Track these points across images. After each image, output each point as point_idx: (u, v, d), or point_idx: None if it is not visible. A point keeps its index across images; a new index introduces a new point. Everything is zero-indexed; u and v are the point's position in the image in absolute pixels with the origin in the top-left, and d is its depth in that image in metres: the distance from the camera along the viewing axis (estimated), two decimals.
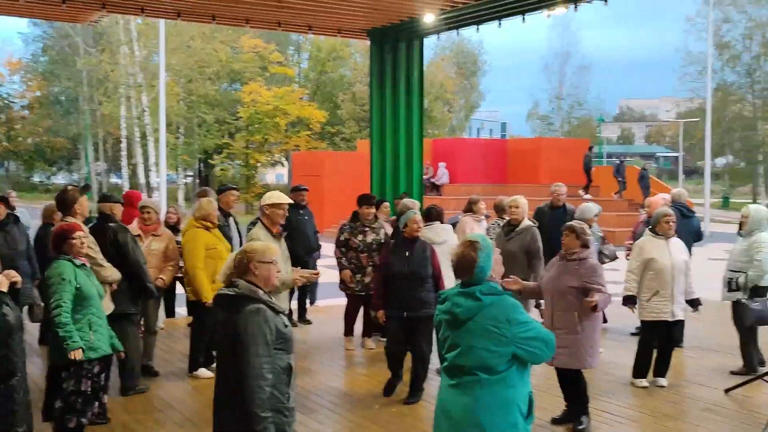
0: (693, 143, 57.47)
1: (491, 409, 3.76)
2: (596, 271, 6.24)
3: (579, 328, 6.14)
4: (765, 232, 7.96)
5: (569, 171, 28.41)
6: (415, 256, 7.17)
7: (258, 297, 3.92)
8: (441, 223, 8.41)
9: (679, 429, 6.49)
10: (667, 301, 7.40)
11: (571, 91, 64.68)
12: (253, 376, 3.78)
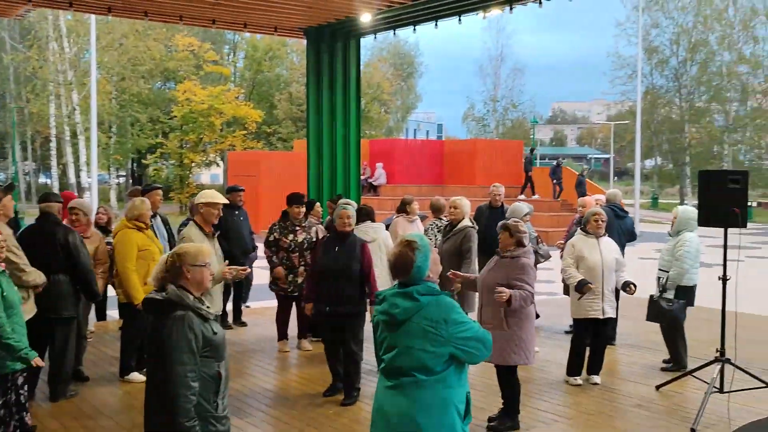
0: (623, 145, 58.88)
1: (429, 410, 3.74)
2: (524, 269, 6.26)
3: (504, 324, 6.19)
4: (690, 232, 8.19)
5: (504, 172, 28.77)
6: (344, 251, 7.15)
7: (185, 303, 3.81)
8: (372, 222, 8.40)
9: (613, 426, 6.58)
10: (598, 299, 7.54)
11: (505, 93, 65.55)
12: (177, 385, 3.69)
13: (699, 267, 8.33)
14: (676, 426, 6.52)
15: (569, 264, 7.71)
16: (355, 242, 7.26)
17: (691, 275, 8.18)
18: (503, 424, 6.41)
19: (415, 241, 3.89)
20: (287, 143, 46.61)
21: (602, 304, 7.56)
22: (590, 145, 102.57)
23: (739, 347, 7.29)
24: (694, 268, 8.23)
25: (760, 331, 10.20)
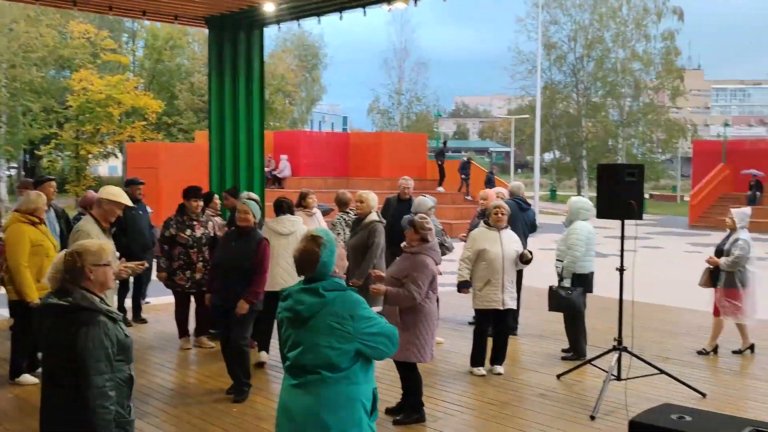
0: (523, 139, 60.25)
1: (335, 407, 3.68)
2: (418, 268, 6.22)
3: (399, 320, 6.12)
4: (582, 221, 8.43)
5: (409, 164, 28.96)
6: (240, 247, 7.02)
7: (96, 307, 3.63)
8: (291, 215, 8.29)
9: (516, 415, 6.69)
10: (498, 290, 7.66)
11: (410, 86, 66.02)
12: (96, 397, 3.52)
13: (594, 255, 8.53)
14: (576, 414, 6.68)
15: (467, 257, 7.84)
16: (252, 238, 7.09)
17: (584, 263, 8.37)
18: (409, 417, 6.43)
19: (321, 236, 3.82)
20: (189, 135, 45.58)
21: (502, 295, 7.69)
22: (491, 138, 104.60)
23: (635, 335, 7.55)
24: (588, 256, 8.42)
25: (654, 319, 10.60)
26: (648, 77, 54.32)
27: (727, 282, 8.52)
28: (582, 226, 8.40)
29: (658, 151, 56.78)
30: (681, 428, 4.34)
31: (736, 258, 8.42)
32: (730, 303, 8.49)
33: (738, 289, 8.47)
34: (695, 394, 7.08)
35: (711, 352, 8.78)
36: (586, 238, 8.36)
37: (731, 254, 8.45)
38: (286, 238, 7.92)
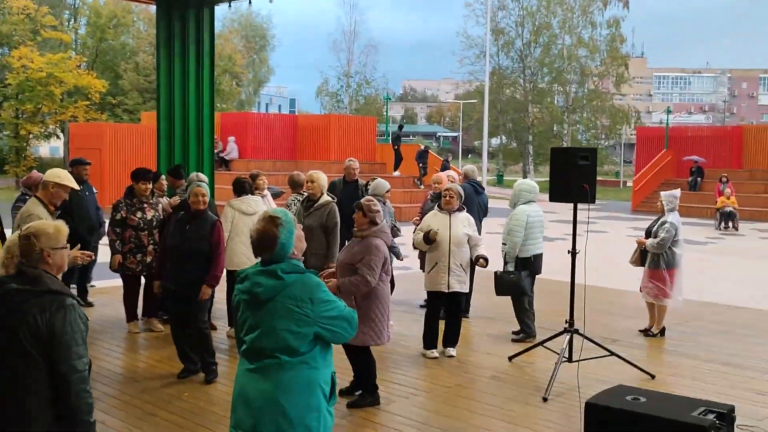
0: (471, 124, 60.66)
1: (293, 392, 3.62)
2: (370, 251, 6.19)
3: (354, 304, 6.12)
4: (523, 204, 8.50)
5: (358, 147, 28.88)
6: (194, 230, 6.92)
7: (67, 291, 3.51)
8: (251, 195, 8.34)
9: (469, 397, 6.73)
10: (444, 273, 7.69)
11: (359, 69, 65.78)
12: (79, 382, 3.44)
13: (539, 237, 8.57)
14: (529, 395, 6.75)
15: (418, 233, 7.92)
16: (206, 221, 7.00)
17: (527, 247, 8.41)
18: (364, 400, 6.43)
19: (279, 217, 3.73)
20: (134, 115, 44.69)
21: (448, 278, 7.71)
22: (439, 123, 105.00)
23: (585, 318, 7.65)
24: (531, 239, 8.44)
25: (602, 301, 10.76)
26: (593, 64, 55.07)
27: (653, 263, 8.71)
28: (522, 210, 8.44)
29: (602, 137, 57.70)
30: (636, 409, 4.41)
31: (662, 240, 8.58)
32: (654, 284, 8.69)
33: (662, 270, 8.65)
34: (644, 375, 7.22)
35: (657, 333, 8.96)
36: (524, 221, 8.39)
37: (657, 236, 8.62)
38: (250, 218, 7.97)
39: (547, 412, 6.36)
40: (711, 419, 4.29)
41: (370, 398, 6.45)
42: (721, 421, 4.36)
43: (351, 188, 9.91)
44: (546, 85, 56.27)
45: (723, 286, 13.81)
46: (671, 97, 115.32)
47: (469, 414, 6.28)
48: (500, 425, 6.02)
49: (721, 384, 7.14)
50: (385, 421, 6.15)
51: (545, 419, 6.19)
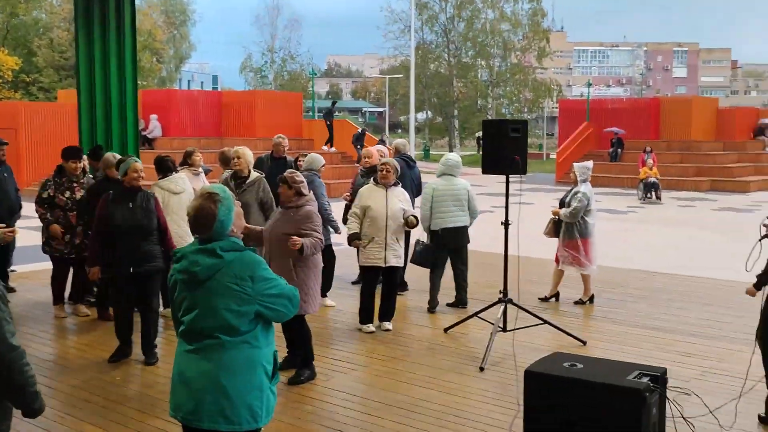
0: (397, 98, 60.70)
1: (235, 372, 3.55)
2: (310, 217, 6.31)
3: (294, 275, 6.18)
4: (437, 178, 8.70)
5: (284, 123, 28.58)
6: (139, 207, 6.82)
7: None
8: (177, 173, 8.23)
9: (406, 369, 6.77)
10: (381, 248, 7.69)
11: (283, 44, 65.07)
12: (18, 358, 3.32)
13: (448, 212, 8.57)
14: (465, 366, 6.83)
15: (354, 213, 7.87)
16: (148, 197, 6.96)
17: (435, 220, 8.51)
18: (303, 375, 6.44)
19: (217, 193, 3.64)
20: (50, 93, 43.16)
21: (385, 252, 7.72)
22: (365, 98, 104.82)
23: (519, 288, 7.78)
24: (438, 213, 8.53)
25: (532, 272, 10.93)
26: (516, 38, 55.68)
27: (567, 233, 8.94)
28: (429, 184, 8.68)
29: (525, 110, 58.52)
30: (574, 375, 4.50)
31: (574, 209, 8.80)
32: (569, 253, 8.93)
33: (576, 239, 8.89)
34: (576, 342, 7.38)
35: (552, 298, 9.27)
36: (430, 195, 8.57)
37: (570, 206, 8.84)
38: (179, 197, 7.90)
39: (484, 381, 6.45)
40: (645, 382, 4.41)
41: (308, 371, 6.48)
42: (655, 384, 4.49)
43: (279, 165, 9.77)
44: (470, 59, 56.68)
45: (646, 254, 14.23)
46: (591, 70, 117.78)
47: (407, 386, 6.32)
48: (438, 396, 6.08)
49: (649, 348, 7.37)
50: (325, 396, 6.14)
51: (482, 388, 6.28)
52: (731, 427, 5.34)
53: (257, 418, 3.61)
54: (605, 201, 25.43)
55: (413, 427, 5.47)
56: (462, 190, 8.67)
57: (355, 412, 5.77)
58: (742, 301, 8.36)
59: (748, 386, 5.63)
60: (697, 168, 31.08)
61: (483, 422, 5.55)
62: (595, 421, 4.38)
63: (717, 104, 38.31)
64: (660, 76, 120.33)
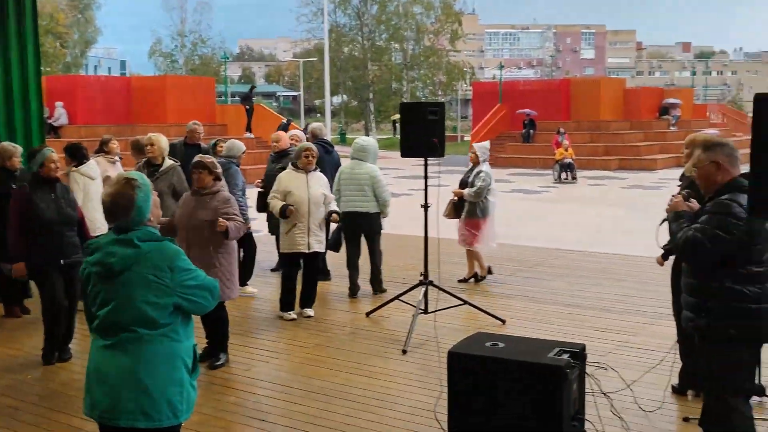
0: (311, 82, 60.26)
1: (154, 366, 3.44)
2: (229, 202, 6.30)
3: (216, 262, 6.16)
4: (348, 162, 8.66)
5: (196, 109, 28.00)
6: (61, 198, 6.62)
7: None
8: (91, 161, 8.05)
9: (328, 355, 6.73)
10: (304, 234, 7.61)
11: (193, 28, 63.65)
12: None
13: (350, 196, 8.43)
14: (388, 349, 6.84)
15: (274, 197, 7.74)
16: (66, 188, 6.83)
17: (341, 204, 8.39)
18: (219, 359, 6.42)
19: (135, 179, 3.52)
20: None
21: (308, 238, 7.65)
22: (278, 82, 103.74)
23: (439, 270, 7.83)
24: (342, 197, 8.44)
25: (449, 253, 11.00)
26: (429, 21, 55.95)
27: (470, 212, 9.09)
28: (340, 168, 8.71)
29: (439, 93, 58.95)
30: (497, 354, 4.54)
31: (478, 189, 8.98)
32: (470, 232, 9.08)
33: (479, 218, 9.07)
34: (496, 321, 7.49)
35: (471, 279, 9.39)
36: (337, 179, 8.57)
37: (474, 185, 8.99)
38: (95, 183, 7.79)
39: (407, 364, 6.48)
40: (566, 359, 4.49)
41: (225, 356, 6.48)
42: (575, 360, 4.58)
43: (193, 152, 9.53)
44: (384, 42, 56.67)
45: (561, 232, 14.57)
46: (502, 52, 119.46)
47: (329, 372, 6.28)
48: (361, 381, 6.07)
49: (567, 324, 7.54)
50: (247, 386, 6.05)
51: (406, 371, 6.30)
52: (645, 398, 5.51)
53: (178, 414, 3.51)
54: (519, 181, 25.92)
55: (337, 413, 5.45)
56: (364, 177, 8.39)
57: (278, 401, 5.71)
58: (652, 276, 8.68)
59: (661, 358, 5.81)
60: (606, 147, 31.97)
61: (407, 405, 5.57)
62: (517, 399, 4.43)
63: (624, 85, 39.48)
64: (569, 57, 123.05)
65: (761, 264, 4.15)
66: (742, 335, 4.16)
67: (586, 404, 4.84)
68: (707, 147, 4.31)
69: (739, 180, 4.18)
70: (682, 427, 5.11)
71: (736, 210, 4.06)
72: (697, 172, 4.34)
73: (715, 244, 4.07)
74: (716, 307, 4.17)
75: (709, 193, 4.29)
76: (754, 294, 4.12)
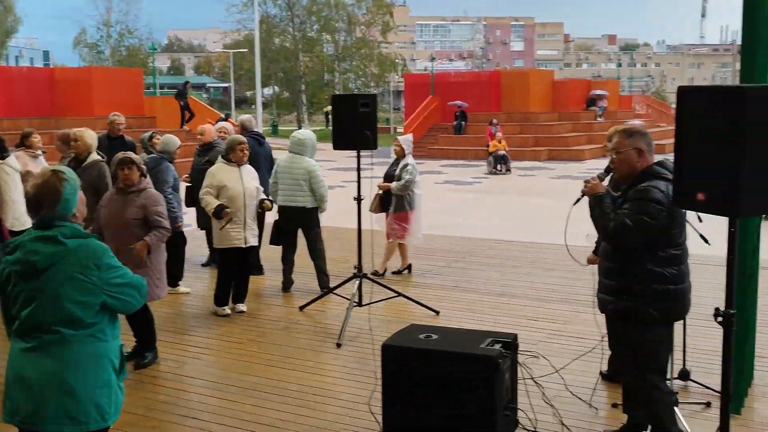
0: (242, 73, 59.57)
1: (81, 368, 3.33)
2: (157, 200, 6.20)
3: (147, 261, 6.06)
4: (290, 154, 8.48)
5: (124, 101, 27.36)
6: None
7: None
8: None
9: (262, 351, 6.66)
10: (240, 229, 7.49)
11: (119, 18, 62.14)
12: None
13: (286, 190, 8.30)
14: (322, 343, 6.80)
15: (208, 192, 7.53)
16: None
17: (278, 197, 8.31)
18: (146, 357, 6.31)
19: (63, 172, 3.42)
20: None
21: (244, 233, 7.54)
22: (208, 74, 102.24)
23: (369, 261, 7.82)
24: (278, 191, 8.32)
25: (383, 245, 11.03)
26: (360, 12, 55.87)
27: (398, 206, 9.02)
28: (278, 160, 8.55)
29: (372, 85, 58.97)
30: (430, 346, 4.56)
31: (407, 182, 8.93)
32: (399, 225, 9.03)
33: (407, 211, 9.04)
34: (430, 312, 7.52)
35: (405, 270, 9.34)
36: (274, 172, 8.47)
37: (402, 179, 8.93)
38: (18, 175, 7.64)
39: (342, 357, 6.45)
40: (498, 349, 4.54)
41: (151, 353, 6.36)
42: (507, 350, 4.63)
43: (116, 145, 9.31)
44: (315, 33, 56.34)
45: (492, 222, 14.75)
46: (433, 44, 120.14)
47: (263, 368, 6.22)
48: (296, 375, 6.02)
49: (500, 314, 7.62)
50: (179, 384, 5.94)
51: (340, 365, 6.28)
52: (576, 385, 5.61)
53: (105, 416, 3.41)
54: (451, 173, 26.15)
55: (271, 408, 5.39)
56: (300, 171, 8.25)
57: (211, 398, 5.62)
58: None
59: (592, 346, 5.93)
60: (535, 138, 32.49)
61: (342, 398, 5.55)
62: (451, 390, 4.46)
63: (552, 77, 40.15)
64: (499, 50, 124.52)
65: (678, 246, 4.32)
66: (663, 316, 4.32)
67: (519, 393, 4.90)
68: (630, 134, 4.41)
69: (655, 167, 4.33)
70: (611, 412, 5.22)
71: (657, 196, 4.17)
72: (617, 158, 4.41)
73: (641, 229, 4.18)
74: (639, 290, 4.29)
75: (626, 179, 4.40)
76: (672, 275, 4.29)
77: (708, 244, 5.37)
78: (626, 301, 4.33)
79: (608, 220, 4.28)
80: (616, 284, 4.38)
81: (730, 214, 3.46)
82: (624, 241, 4.27)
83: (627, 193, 4.34)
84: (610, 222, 4.26)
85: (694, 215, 4.12)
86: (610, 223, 4.26)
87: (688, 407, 5.24)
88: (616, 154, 4.41)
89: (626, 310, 4.35)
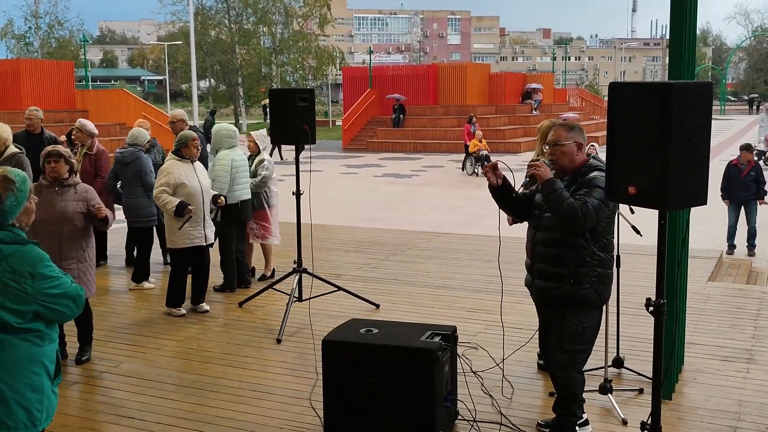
0: (177, 66, 58.63)
1: (12, 372, 3.24)
2: (92, 193, 6.14)
3: (87, 255, 5.98)
4: (226, 149, 8.11)
5: (55, 95, 26.71)
6: None
7: None
8: None
9: (201, 348, 6.58)
10: (200, 226, 7.33)
11: (49, 8, 60.39)
12: None
13: (245, 183, 8.21)
14: (262, 339, 6.76)
15: (164, 191, 7.19)
16: None
17: (234, 192, 8.03)
18: (86, 353, 6.28)
19: (15, 181, 3.32)
20: None
21: (204, 230, 7.38)
22: (143, 66, 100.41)
23: (312, 256, 7.80)
24: (237, 185, 8.07)
25: (325, 239, 11.04)
26: (297, 5, 55.46)
27: (256, 203, 8.48)
28: (226, 155, 8.04)
29: (310, 78, 58.66)
30: (370, 341, 4.58)
31: (264, 178, 8.46)
32: (260, 225, 8.58)
33: (266, 210, 8.59)
34: (371, 306, 7.55)
35: (270, 275, 8.82)
36: (230, 167, 8.01)
37: (258, 175, 8.47)
38: None
39: (282, 353, 6.43)
40: (437, 342, 4.58)
41: (90, 349, 6.31)
42: (446, 342, 4.68)
43: (37, 141, 8.94)
44: (252, 26, 55.73)
45: (431, 215, 14.86)
46: (371, 37, 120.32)
47: (202, 365, 6.15)
48: (235, 372, 5.98)
49: (439, 306, 7.70)
50: (115, 384, 5.82)
51: (280, 360, 6.26)
52: (514, 375, 5.71)
53: (36, 422, 3.33)
54: (390, 166, 26.22)
55: (210, 406, 5.35)
56: (246, 162, 8.31)
57: (149, 397, 5.54)
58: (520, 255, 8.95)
59: (529, 336, 6.03)
60: None
61: (282, 394, 5.53)
62: (391, 383, 4.49)
63: (489, 70, 40.59)
64: (436, 43, 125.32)
65: (612, 234, 4.57)
66: (600, 299, 4.52)
67: (459, 384, 4.97)
68: (571, 128, 4.54)
69: (593, 161, 4.53)
70: (548, 401, 5.32)
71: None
72: (560, 149, 4.47)
73: (601, 212, 4.33)
74: (583, 274, 4.42)
75: (567, 171, 4.48)
76: (609, 261, 4.53)
77: (640, 235, 5.53)
78: (571, 286, 4.42)
79: (567, 202, 4.27)
80: (560, 270, 4.46)
81: (659, 207, 3.55)
82: (584, 223, 4.28)
83: (571, 186, 4.42)
84: (571, 203, 4.26)
85: (626, 207, 4.23)
86: (572, 204, 4.25)
87: (622, 394, 5.39)
88: (556, 147, 4.49)
89: (569, 295, 4.44)
